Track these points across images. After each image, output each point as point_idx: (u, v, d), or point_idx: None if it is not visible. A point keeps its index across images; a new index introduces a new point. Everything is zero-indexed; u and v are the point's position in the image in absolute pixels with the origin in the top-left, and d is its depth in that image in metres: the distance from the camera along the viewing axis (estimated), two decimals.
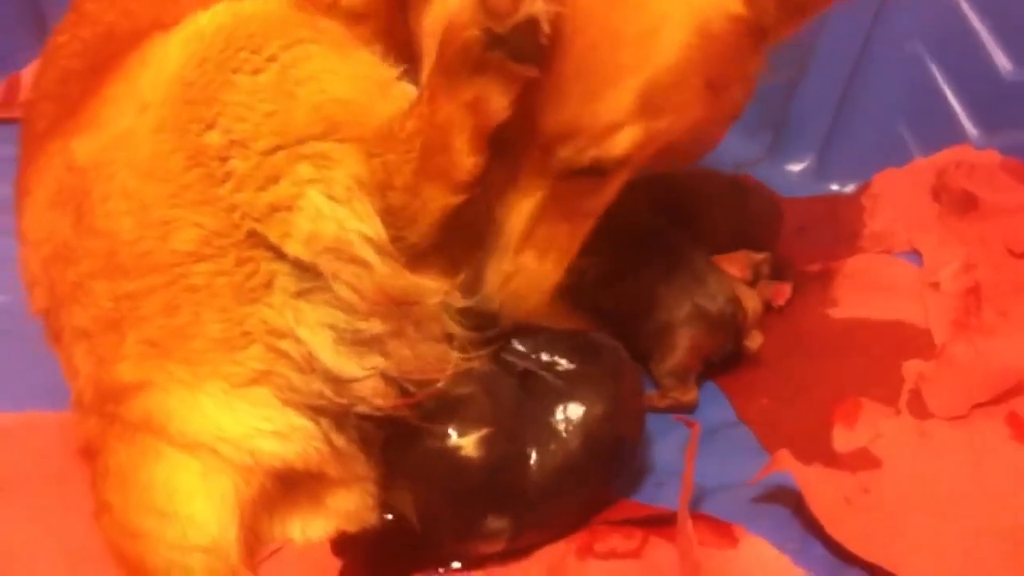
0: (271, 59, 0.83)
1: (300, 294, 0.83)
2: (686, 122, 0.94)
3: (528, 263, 0.93)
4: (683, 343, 1.12)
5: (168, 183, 0.82)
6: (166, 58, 0.85)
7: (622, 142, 0.89)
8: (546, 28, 0.79)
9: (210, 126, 0.82)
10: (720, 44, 0.90)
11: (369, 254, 0.82)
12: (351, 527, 0.92)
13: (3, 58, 1.90)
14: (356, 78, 0.84)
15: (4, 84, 1.90)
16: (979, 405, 1.07)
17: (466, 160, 0.82)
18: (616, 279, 1.12)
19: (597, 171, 0.92)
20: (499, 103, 0.81)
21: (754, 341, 1.20)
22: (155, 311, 0.83)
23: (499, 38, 0.78)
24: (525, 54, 0.80)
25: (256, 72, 0.82)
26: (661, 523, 0.93)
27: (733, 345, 1.17)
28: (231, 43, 0.84)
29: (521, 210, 0.91)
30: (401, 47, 0.94)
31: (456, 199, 0.83)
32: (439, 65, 0.81)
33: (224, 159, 0.82)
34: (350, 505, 0.91)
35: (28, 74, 1.86)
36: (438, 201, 0.83)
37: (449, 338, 0.88)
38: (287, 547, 0.92)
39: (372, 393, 0.85)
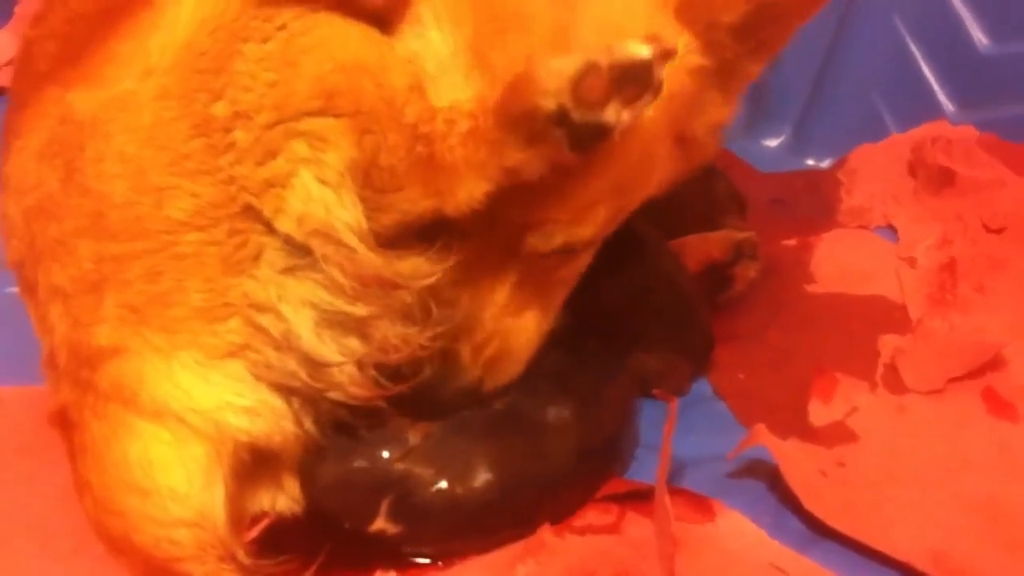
0: (281, 28, 0.80)
1: (288, 270, 0.81)
2: (657, 184, 0.92)
3: (505, 324, 0.91)
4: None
5: (168, 151, 0.80)
6: (177, 22, 0.82)
7: (592, 224, 0.87)
8: (616, 137, 0.76)
9: (218, 96, 0.79)
10: (684, 100, 0.87)
11: (353, 241, 0.80)
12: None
13: None
14: (367, 43, 0.81)
15: None
16: (955, 380, 1.08)
17: (469, 200, 0.81)
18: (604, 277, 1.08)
19: (568, 251, 0.90)
20: (529, 176, 0.79)
21: None
22: (138, 276, 0.81)
23: (570, 122, 0.75)
24: (581, 147, 0.77)
25: (264, 40, 0.80)
26: (639, 498, 0.93)
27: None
28: (245, 10, 0.81)
29: (492, 301, 0.89)
30: None
31: (435, 215, 0.82)
32: (498, 111, 0.78)
33: (228, 130, 0.79)
34: None
35: None
36: (417, 206, 0.82)
37: (425, 325, 0.86)
38: None
39: (347, 381, 0.84)
